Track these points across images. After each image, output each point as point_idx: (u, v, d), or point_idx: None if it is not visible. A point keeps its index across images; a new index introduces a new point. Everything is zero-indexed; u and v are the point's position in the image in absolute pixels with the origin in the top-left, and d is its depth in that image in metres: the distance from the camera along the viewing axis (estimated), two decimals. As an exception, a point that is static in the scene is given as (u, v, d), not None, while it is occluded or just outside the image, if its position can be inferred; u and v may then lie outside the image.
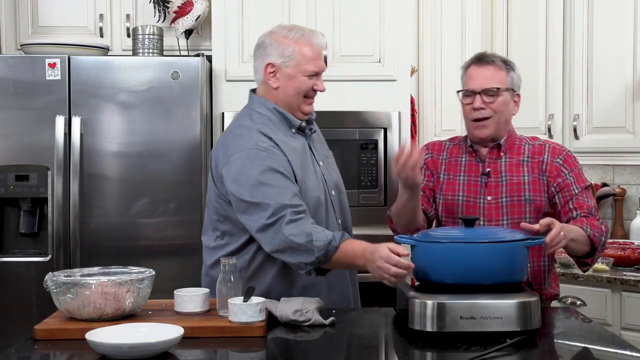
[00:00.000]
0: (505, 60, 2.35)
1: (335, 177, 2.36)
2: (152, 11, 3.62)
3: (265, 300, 1.97)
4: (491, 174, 2.32)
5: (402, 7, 3.44)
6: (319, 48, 2.25)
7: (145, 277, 1.99)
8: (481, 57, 2.33)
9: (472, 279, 1.87)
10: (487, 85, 2.27)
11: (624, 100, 3.29)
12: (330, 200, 2.28)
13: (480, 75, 2.28)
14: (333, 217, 2.27)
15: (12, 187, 3.18)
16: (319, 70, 2.25)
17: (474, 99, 2.28)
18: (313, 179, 2.24)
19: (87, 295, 1.89)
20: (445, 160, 2.40)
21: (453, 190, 2.35)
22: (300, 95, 2.24)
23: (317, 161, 2.30)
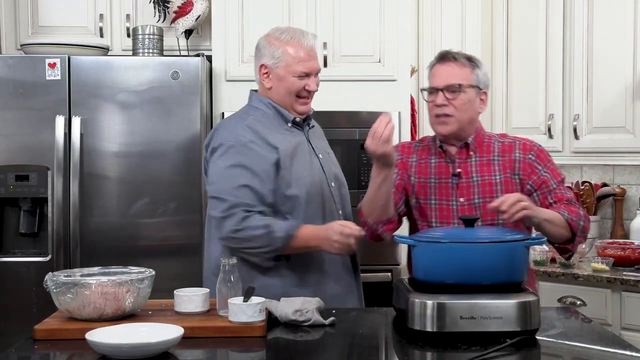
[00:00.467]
0: (470, 57, 2.32)
1: (335, 170, 2.42)
2: (152, 11, 3.62)
3: (265, 300, 1.97)
4: (462, 175, 2.29)
5: (402, 7, 3.44)
6: (309, 49, 2.31)
7: (145, 277, 1.98)
8: (444, 54, 2.32)
9: (472, 279, 1.87)
10: (449, 82, 2.25)
11: (624, 100, 3.29)
12: (330, 191, 2.35)
13: (443, 72, 2.28)
14: (333, 207, 2.34)
15: (12, 187, 3.18)
16: (309, 71, 2.31)
17: (436, 96, 2.27)
18: (310, 169, 2.30)
19: (87, 295, 1.89)
20: (415, 163, 2.38)
21: (425, 194, 2.32)
22: (291, 95, 2.32)
23: (316, 154, 2.36)
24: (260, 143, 2.25)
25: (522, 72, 3.62)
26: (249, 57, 3.42)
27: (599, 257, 3.18)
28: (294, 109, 2.35)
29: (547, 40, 3.52)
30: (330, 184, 2.35)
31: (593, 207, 3.60)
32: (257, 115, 2.33)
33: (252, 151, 2.23)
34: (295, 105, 2.34)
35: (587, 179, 3.71)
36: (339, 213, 2.35)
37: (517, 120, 3.65)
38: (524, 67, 3.62)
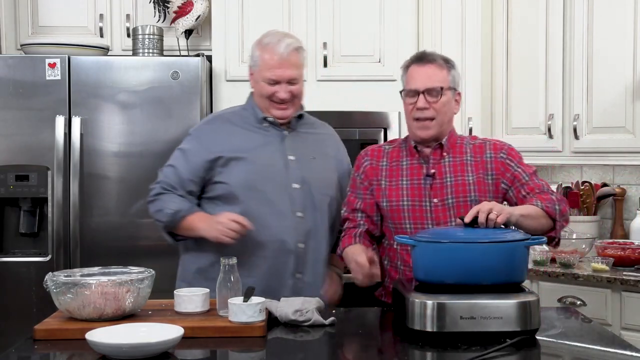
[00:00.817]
0: (446, 58, 2.31)
1: (306, 175, 2.37)
2: (152, 11, 3.62)
3: (265, 300, 1.97)
4: (436, 175, 2.29)
5: (402, 7, 3.44)
6: (282, 56, 2.32)
7: (145, 277, 1.99)
8: (422, 56, 2.31)
9: (472, 279, 1.87)
10: (430, 85, 2.24)
11: (624, 100, 3.29)
12: (288, 192, 2.34)
13: (423, 74, 2.26)
14: (288, 207, 2.33)
15: (12, 187, 3.19)
16: (277, 79, 2.33)
17: (417, 99, 2.25)
18: (266, 165, 2.35)
19: (87, 295, 1.89)
20: (386, 166, 2.35)
21: (397, 196, 2.30)
22: (263, 99, 2.37)
23: (287, 155, 2.37)
24: (213, 134, 2.39)
25: (522, 72, 3.62)
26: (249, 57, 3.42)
27: (599, 257, 3.18)
28: (270, 113, 2.39)
29: (547, 40, 3.52)
30: (290, 184, 2.35)
31: (593, 207, 3.60)
32: (236, 110, 2.47)
33: (198, 138, 2.40)
34: (270, 109, 2.38)
35: (587, 179, 3.71)
36: (297, 215, 2.34)
37: (517, 120, 3.65)
38: (524, 67, 3.61)
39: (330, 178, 2.45)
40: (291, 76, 2.33)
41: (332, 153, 2.50)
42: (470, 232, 1.96)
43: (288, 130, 2.42)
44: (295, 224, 2.33)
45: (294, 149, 2.40)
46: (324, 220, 2.40)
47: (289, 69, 2.33)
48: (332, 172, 2.46)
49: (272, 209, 2.32)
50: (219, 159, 2.34)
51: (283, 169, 2.36)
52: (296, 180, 2.36)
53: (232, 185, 2.33)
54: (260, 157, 2.36)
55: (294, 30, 3.40)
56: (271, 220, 2.31)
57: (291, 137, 2.42)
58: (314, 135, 2.49)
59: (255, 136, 2.39)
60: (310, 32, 3.42)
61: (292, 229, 2.33)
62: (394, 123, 3.35)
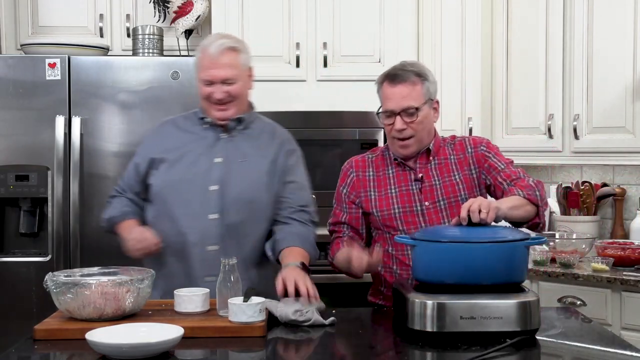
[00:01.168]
0: (419, 72, 2.27)
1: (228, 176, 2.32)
2: (152, 11, 3.62)
3: (265, 300, 1.97)
4: (424, 179, 2.30)
5: (402, 7, 3.44)
6: (214, 57, 2.29)
7: (145, 277, 1.99)
8: (394, 75, 2.26)
9: (472, 279, 1.87)
10: (405, 105, 2.22)
11: (624, 100, 3.29)
12: (205, 194, 2.30)
13: (397, 94, 2.23)
14: (201, 209, 2.29)
15: (12, 187, 3.19)
16: (210, 79, 2.30)
17: (394, 120, 2.24)
18: (189, 167, 2.33)
19: (87, 295, 1.89)
20: (373, 177, 2.36)
21: (387, 205, 2.31)
22: (203, 100, 2.36)
23: (213, 157, 2.34)
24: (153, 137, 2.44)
25: (522, 72, 3.62)
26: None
27: (599, 257, 3.18)
28: (210, 114, 2.36)
29: (547, 40, 3.52)
30: (208, 187, 2.31)
31: (593, 207, 3.60)
32: (187, 114, 2.46)
33: (142, 145, 2.46)
34: (210, 110, 2.35)
35: (587, 179, 3.71)
36: (210, 217, 2.29)
37: (517, 120, 3.65)
38: (524, 67, 3.61)
39: (259, 180, 2.34)
40: (225, 76, 2.29)
41: (271, 156, 2.38)
42: (471, 232, 1.95)
43: (226, 133, 2.38)
44: (208, 227, 2.28)
45: (223, 151, 2.35)
46: (243, 222, 2.32)
47: (222, 69, 2.29)
48: (262, 175, 2.35)
49: (185, 210, 2.30)
50: (152, 161, 2.36)
51: (204, 171, 2.32)
52: (215, 182, 2.31)
53: (155, 187, 2.35)
54: (185, 159, 2.34)
55: (294, 30, 3.42)
56: (183, 222, 2.29)
57: (227, 139, 2.37)
58: (254, 138, 2.40)
59: (189, 138, 2.38)
60: (310, 32, 3.42)
61: (204, 231, 2.28)
62: (394, 123, 3.35)
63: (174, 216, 2.31)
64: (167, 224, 2.31)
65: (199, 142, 2.37)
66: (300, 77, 3.42)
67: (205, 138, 2.38)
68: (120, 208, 2.39)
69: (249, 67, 2.39)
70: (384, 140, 3.33)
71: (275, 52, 3.43)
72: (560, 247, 3.32)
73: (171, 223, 2.31)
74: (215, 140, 2.37)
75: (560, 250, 3.30)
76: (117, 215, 2.37)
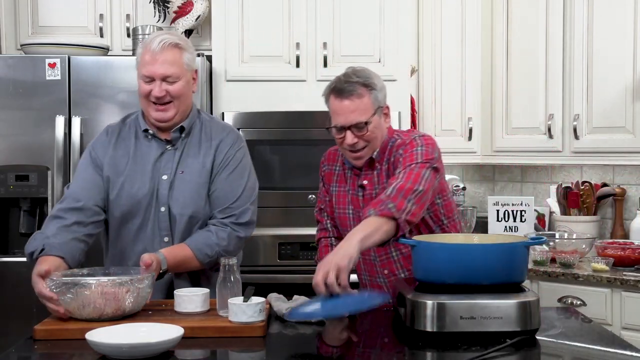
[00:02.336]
0: (365, 82, 2.17)
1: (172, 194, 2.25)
2: (152, 11, 3.62)
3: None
4: (366, 187, 2.25)
5: (402, 7, 3.44)
6: (155, 52, 2.18)
7: (145, 277, 1.99)
8: (340, 89, 2.16)
9: (472, 279, 1.87)
10: (354, 121, 2.14)
11: (624, 100, 3.29)
12: (155, 214, 2.25)
13: (345, 109, 2.15)
14: (156, 232, 2.24)
15: (12, 187, 3.18)
16: (150, 75, 2.20)
17: (344, 134, 2.17)
18: (134, 189, 2.24)
19: (87, 295, 1.89)
20: (338, 172, 2.35)
21: (343, 203, 2.31)
22: (142, 98, 2.25)
23: (160, 174, 2.25)
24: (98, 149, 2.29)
25: (522, 72, 3.62)
26: (249, 57, 3.43)
27: (599, 257, 3.18)
28: (148, 114, 2.25)
29: (547, 40, 3.52)
30: (159, 208, 2.24)
31: (593, 207, 3.60)
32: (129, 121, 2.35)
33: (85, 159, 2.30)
34: (149, 110, 2.24)
35: (587, 179, 3.71)
36: (165, 240, 2.24)
37: (517, 120, 3.65)
38: (524, 67, 3.61)
39: (197, 194, 2.26)
40: (165, 73, 2.18)
41: (208, 165, 2.28)
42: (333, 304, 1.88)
43: (170, 145, 2.28)
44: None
45: (169, 167, 2.26)
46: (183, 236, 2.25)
47: (162, 65, 2.18)
48: (200, 187, 2.26)
49: (140, 234, 2.25)
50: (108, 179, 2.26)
51: (154, 191, 2.24)
52: (163, 203, 2.24)
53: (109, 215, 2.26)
54: (136, 179, 2.25)
55: (294, 30, 3.42)
56: (137, 246, 2.25)
57: (171, 152, 2.28)
58: (194, 146, 2.30)
59: (134, 153, 2.27)
60: (310, 32, 3.42)
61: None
62: (394, 123, 3.34)
63: (125, 239, 2.25)
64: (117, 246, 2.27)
65: (144, 156, 2.27)
66: (300, 77, 3.42)
67: (149, 152, 2.27)
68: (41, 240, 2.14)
69: (194, 69, 2.29)
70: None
71: (275, 52, 3.43)
72: (560, 247, 3.32)
73: (121, 246, 2.26)
74: (160, 154, 2.28)
75: (560, 250, 3.30)
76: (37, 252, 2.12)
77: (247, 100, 3.39)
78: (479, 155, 3.76)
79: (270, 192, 3.29)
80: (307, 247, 3.25)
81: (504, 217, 3.71)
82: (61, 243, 2.12)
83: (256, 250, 3.29)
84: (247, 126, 3.32)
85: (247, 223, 2.30)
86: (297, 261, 3.27)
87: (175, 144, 2.29)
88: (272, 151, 3.39)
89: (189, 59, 2.25)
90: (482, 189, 4.14)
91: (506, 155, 3.72)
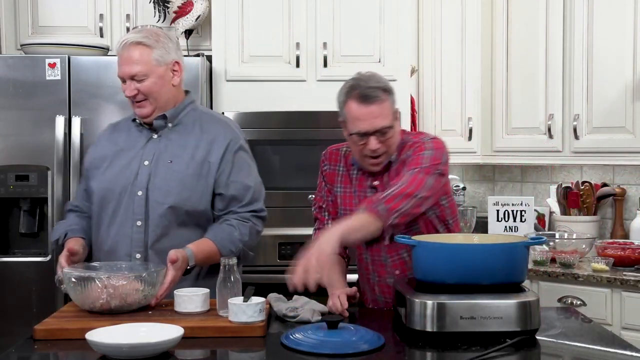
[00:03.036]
0: (385, 87, 2.18)
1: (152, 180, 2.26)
2: (152, 11, 3.62)
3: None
4: (378, 188, 2.24)
5: (402, 7, 3.44)
6: (119, 54, 2.25)
7: (154, 272, 2.02)
8: (365, 95, 2.14)
9: (472, 279, 1.87)
10: (378, 126, 2.13)
11: (624, 100, 3.29)
12: (132, 199, 2.26)
13: (369, 115, 2.13)
14: (129, 215, 2.25)
15: (12, 187, 3.18)
16: (120, 76, 2.26)
17: (367, 140, 2.15)
18: (117, 173, 2.29)
19: (94, 289, 1.94)
20: (342, 172, 2.34)
21: (350, 204, 2.29)
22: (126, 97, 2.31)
23: (142, 159, 2.29)
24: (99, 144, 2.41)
25: (522, 72, 3.62)
26: (249, 57, 3.43)
27: (599, 257, 3.18)
28: (135, 112, 2.32)
29: (547, 40, 3.52)
30: (135, 191, 2.26)
31: (593, 207, 3.60)
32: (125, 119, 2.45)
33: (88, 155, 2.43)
34: (133, 108, 2.31)
35: (587, 179, 3.71)
36: (137, 224, 2.24)
37: (517, 120, 3.65)
38: (524, 67, 3.61)
39: (182, 183, 2.26)
40: (130, 72, 2.22)
41: (200, 156, 2.29)
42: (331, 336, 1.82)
43: (155, 132, 2.33)
44: (133, 234, 2.24)
45: (152, 153, 2.29)
46: (164, 230, 2.25)
47: (128, 65, 2.22)
48: (188, 177, 2.26)
49: (114, 218, 2.27)
50: (91, 167, 2.36)
51: (133, 176, 2.27)
52: (141, 187, 2.26)
53: (92, 193, 2.33)
54: (117, 163, 2.31)
55: (294, 30, 3.42)
56: (111, 229, 2.27)
57: (156, 140, 2.32)
58: (184, 136, 2.31)
59: (123, 141, 2.35)
60: (310, 32, 3.42)
61: (129, 238, 2.24)
62: (394, 123, 3.35)
63: (101, 224, 2.29)
64: (97, 231, 2.30)
65: (132, 144, 2.34)
66: (300, 77, 3.42)
67: (137, 140, 2.34)
68: (64, 227, 2.36)
69: (170, 62, 2.27)
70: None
71: (275, 52, 3.43)
72: (560, 247, 3.32)
73: (100, 230, 2.29)
74: (146, 142, 2.32)
75: (560, 250, 3.30)
76: (62, 234, 2.33)
77: (247, 100, 3.39)
78: (479, 155, 3.76)
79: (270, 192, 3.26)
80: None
81: (504, 217, 3.71)
82: (80, 227, 2.34)
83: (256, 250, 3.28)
84: (247, 126, 3.32)
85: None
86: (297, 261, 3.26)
87: (159, 132, 2.32)
88: (272, 151, 3.39)
89: (159, 54, 2.25)
90: (482, 189, 4.14)
91: (506, 155, 3.72)
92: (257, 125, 3.34)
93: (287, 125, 3.37)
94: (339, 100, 2.23)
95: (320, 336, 1.79)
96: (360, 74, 2.24)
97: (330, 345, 1.74)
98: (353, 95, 2.17)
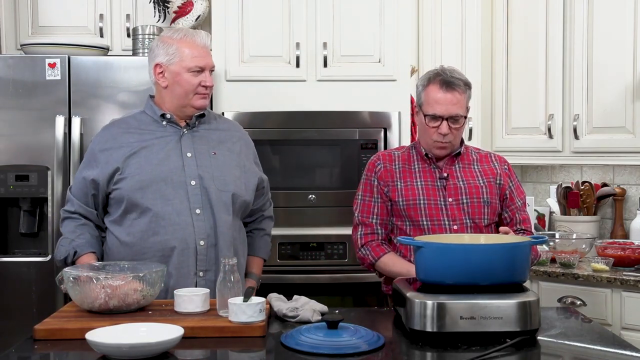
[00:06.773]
0: (466, 81, 2.42)
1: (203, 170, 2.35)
2: (152, 11, 3.62)
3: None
4: (449, 178, 2.44)
5: (402, 7, 3.44)
6: (201, 45, 2.37)
7: (154, 272, 2.02)
8: (448, 81, 2.37)
9: (472, 279, 1.87)
10: (454, 113, 2.37)
11: (624, 100, 3.29)
12: (186, 189, 2.32)
13: (448, 101, 2.36)
14: (185, 204, 2.30)
15: (12, 187, 3.18)
16: (203, 66, 2.35)
17: (439, 123, 2.37)
18: (161, 165, 2.32)
19: (94, 289, 1.94)
20: (399, 169, 2.48)
21: (413, 195, 2.42)
22: (187, 91, 2.36)
23: (184, 152, 2.36)
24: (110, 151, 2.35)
25: (522, 72, 3.63)
26: (249, 57, 3.43)
27: (599, 257, 3.18)
28: (191, 104, 2.37)
29: (547, 40, 3.52)
30: (188, 181, 2.32)
31: (593, 207, 3.60)
32: (135, 115, 2.45)
33: (96, 160, 2.36)
34: (193, 100, 2.36)
35: (587, 179, 3.71)
36: (196, 212, 2.30)
37: (517, 120, 3.65)
38: (524, 68, 3.62)
39: (232, 174, 2.40)
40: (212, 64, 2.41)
41: (237, 150, 2.46)
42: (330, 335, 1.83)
43: (186, 129, 2.41)
44: (194, 222, 2.30)
45: (191, 146, 2.38)
46: (224, 217, 2.34)
47: (209, 57, 2.40)
48: (234, 169, 2.41)
49: (169, 207, 2.29)
50: (115, 171, 2.32)
51: (179, 166, 2.33)
52: (193, 176, 2.33)
53: (124, 191, 2.30)
54: (153, 158, 2.33)
55: (294, 30, 3.42)
56: (169, 218, 2.29)
57: (190, 134, 2.40)
58: (218, 132, 2.46)
59: (150, 136, 2.37)
60: (310, 32, 3.42)
61: (192, 226, 2.29)
62: (394, 123, 3.35)
63: (155, 213, 2.28)
64: (145, 225, 2.29)
65: (162, 139, 2.37)
66: (300, 77, 3.42)
67: (168, 135, 2.39)
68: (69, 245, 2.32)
69: None
70: (384, 140, 3.34)
71: (275, 52, 3.43)
72: (560, 247, 3.32)
73: (150, 224, 2.28)
74: (180, 136, 2.39)
75: (560, 250, 3.30)
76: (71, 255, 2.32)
77: (247, 100, 3.39)
78: (479, 155, 3.75)
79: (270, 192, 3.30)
80: (307, 247, 3.25)
81: (504, 217, 3.70)
82: (86, 241, 2.33)
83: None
84: (247, 126, 3.30)
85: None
86: (297, 261, 3.27)
87: (193, 128, 2.42)
88: (272, 151, 3.39)
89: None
90: (482, 189, 4.14)
91: (506, 155, 3.66)
92: (257, 125, 3.34)
93: (287, 125, 3.37)
94: (419, 84, 2.44)
95: (320, 336, 1.79)
96: (443, 66, 2.44)
97: (330, 345, 1.74)
98: (436, 80, 2.38)
